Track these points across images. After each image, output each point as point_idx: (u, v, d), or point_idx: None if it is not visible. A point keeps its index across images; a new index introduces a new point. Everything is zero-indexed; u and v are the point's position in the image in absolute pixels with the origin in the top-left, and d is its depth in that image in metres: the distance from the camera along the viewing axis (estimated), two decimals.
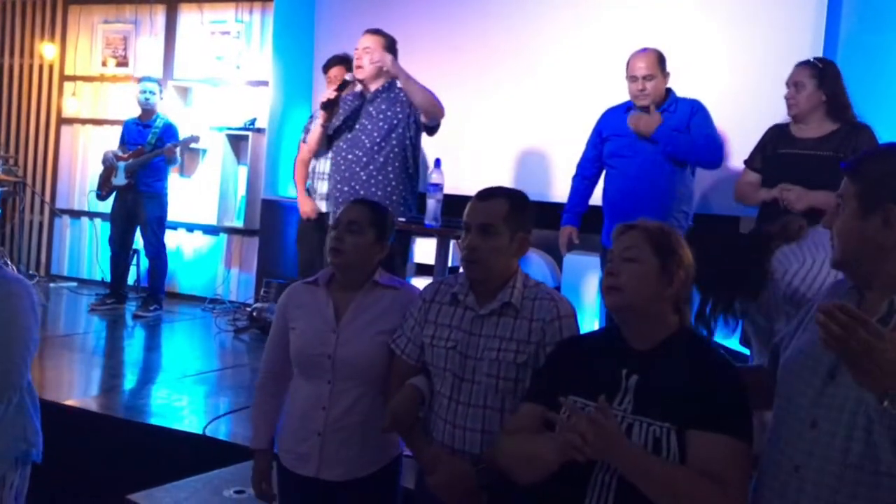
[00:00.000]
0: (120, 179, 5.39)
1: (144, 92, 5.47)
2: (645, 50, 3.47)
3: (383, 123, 3.52)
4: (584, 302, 4.30)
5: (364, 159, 3.51)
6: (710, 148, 3.39)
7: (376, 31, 3.62)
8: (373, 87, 3.56)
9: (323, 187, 4.35)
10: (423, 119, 3.51)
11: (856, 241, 1.40)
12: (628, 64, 3.47)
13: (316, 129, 3.68)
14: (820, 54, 4.16)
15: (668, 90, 3.51)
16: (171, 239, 6.37)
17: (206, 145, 6.35)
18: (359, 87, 3.63)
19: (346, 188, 3.53)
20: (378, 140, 3.51)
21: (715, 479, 1.43)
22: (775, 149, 3.17)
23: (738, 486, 1.45)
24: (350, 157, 3.54)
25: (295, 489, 2.11)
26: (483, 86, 4.78)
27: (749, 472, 1.48)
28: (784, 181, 3.03)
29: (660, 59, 3.45)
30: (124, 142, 5.55)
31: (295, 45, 5.59)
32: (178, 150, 5.36)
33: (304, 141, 4.37)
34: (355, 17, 5.17)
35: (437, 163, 3.35)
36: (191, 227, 6.46)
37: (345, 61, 4.27)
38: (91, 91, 6.99)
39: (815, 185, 2.94)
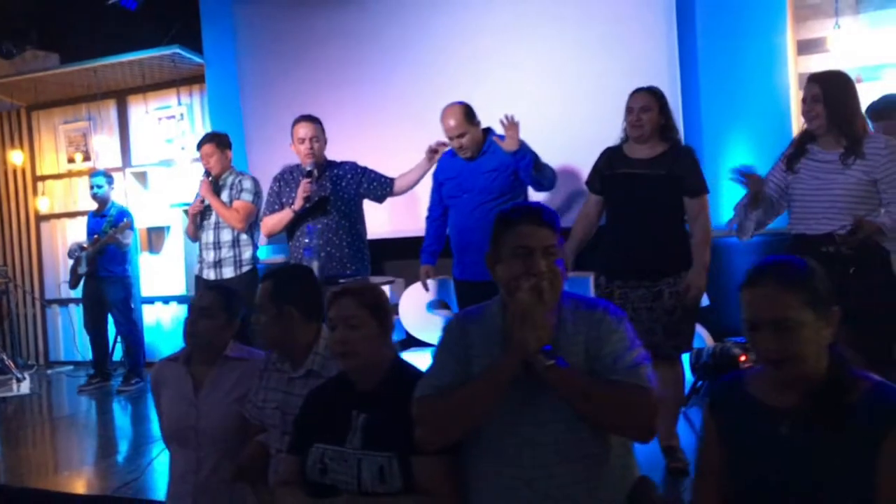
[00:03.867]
0: (83, 268, 5.90)
1: (93, 186, 5.99)
2: (451, 106, 3.80)
3: (343, 193, 4.06)
4: None
5: (333, 226, 4.02)
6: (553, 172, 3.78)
7: (311, 119, 4.09)
8: (320, 167, 4.07)
9: (210, 256, 4.76)
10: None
11: None
12: (441, 120, 3.81)
13: (286, 215, 4.04)
14: (677, 77, 4.55)
15: (486, 131, 3.84)
16: (150, 313, 6.89)
17: (169, 222, 6.86)
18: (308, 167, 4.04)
19: (322, 253, 3.99)
20: (342, 208, 4.05)
21: (435, 495, 1.83)
22: (613, 169, 3.35)
23: (452, 495, 1.85)
24: (319, 226, 4.02)
25: None
26: (389, 135, 5.26)
27: (456, 478, 1.86)
28: (626, 199, 3.30)
29: (466, 114, 3.78)
30: (88, 233, 6.08)
31: (228, 121, 6.07)
32: (117, 235, 5.81)
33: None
34: (273, 92, 5.71)
35: (310, 228, 3.83)
36: (166, 300, 6.96)
37: (215, 139, 4.76)
38: (62, 187, 7.56)
39: (652, 201, 3.22)
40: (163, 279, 6.91)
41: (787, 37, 4.55)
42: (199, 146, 4.84)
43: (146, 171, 7.03)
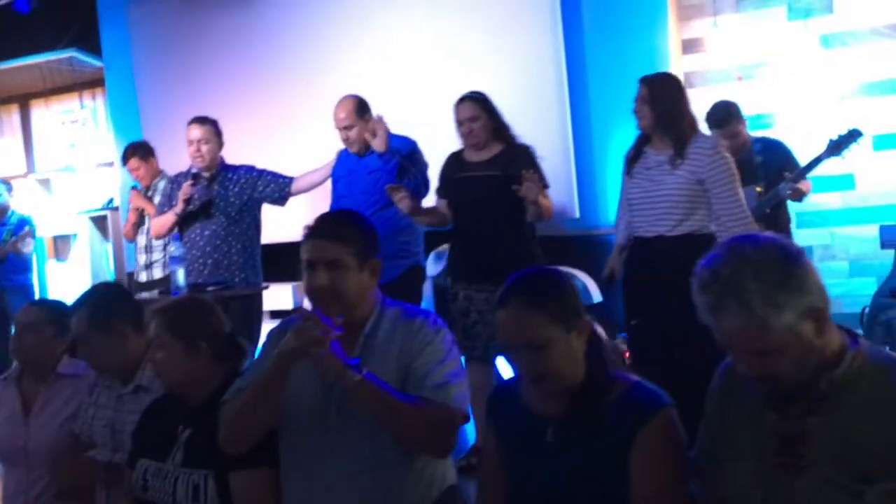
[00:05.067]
0: None
1: None
2: (344, 98, 3.77)
3: (234, 199, 3.96)
4: None
5: (222, 233, 3.93)
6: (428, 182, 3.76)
7: (203, 121, 3.99)
8: (213, 170, 3.99)
9: (142, 259, 4.72)
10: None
11: None
12: (334, 113, 3.77)
13: (169, 218, 3.95)
14: (563, 75, 4.58)
15: None
16: None
17: (75, 229, 6.72)
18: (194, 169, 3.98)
19: (209, 261, 3.92)
20: (233, 214, 3.95)
21: None
22: (453, 174, 3.41)
23: None
24: (207, 232, 3.93)
25: None
26: (288, 134, 5.23)
27: (275, 495, 1.83)
28: (464, 202, 3.34)
29: (358, 107, 3.74)
30: None
31: (130, 124, 5.95)
32: (17, 244, 5.66)
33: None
34: (170, 94, 5.61)
35: (177, 237, 3.74)
36: None
37: (137, 151, 4.66)
38: None
39: (488, 203, 3.24)
40: (70, 287, 6.75)
41: (670, 36, 4.61)
42: (124, 162, 4.78)
43: (50, 178, 6.87)
